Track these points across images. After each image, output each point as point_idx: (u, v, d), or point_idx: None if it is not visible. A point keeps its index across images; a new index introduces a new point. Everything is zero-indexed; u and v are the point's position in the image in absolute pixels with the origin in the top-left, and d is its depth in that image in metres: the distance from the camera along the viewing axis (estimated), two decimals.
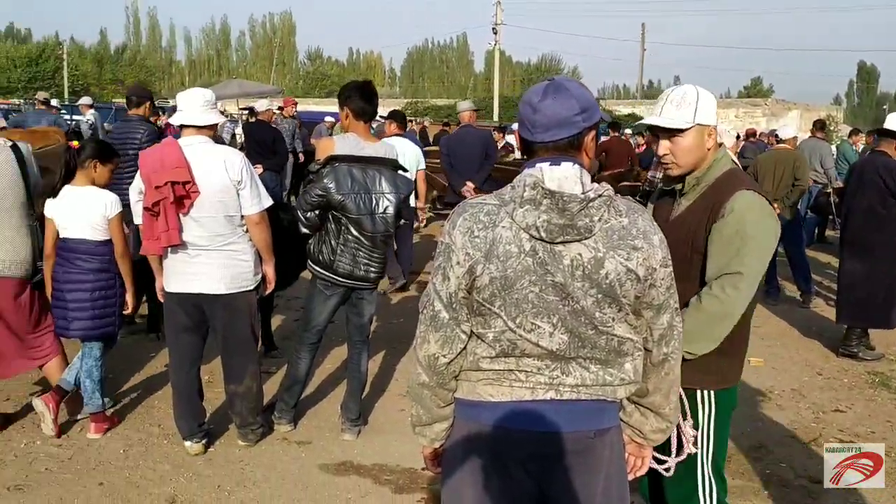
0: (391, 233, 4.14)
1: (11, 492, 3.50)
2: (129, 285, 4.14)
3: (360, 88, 4.15)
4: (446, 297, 1.82)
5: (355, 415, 4.32)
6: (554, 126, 1.78)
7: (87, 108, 14.46)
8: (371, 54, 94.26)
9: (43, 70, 53.08)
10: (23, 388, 4.66)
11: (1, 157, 3.92)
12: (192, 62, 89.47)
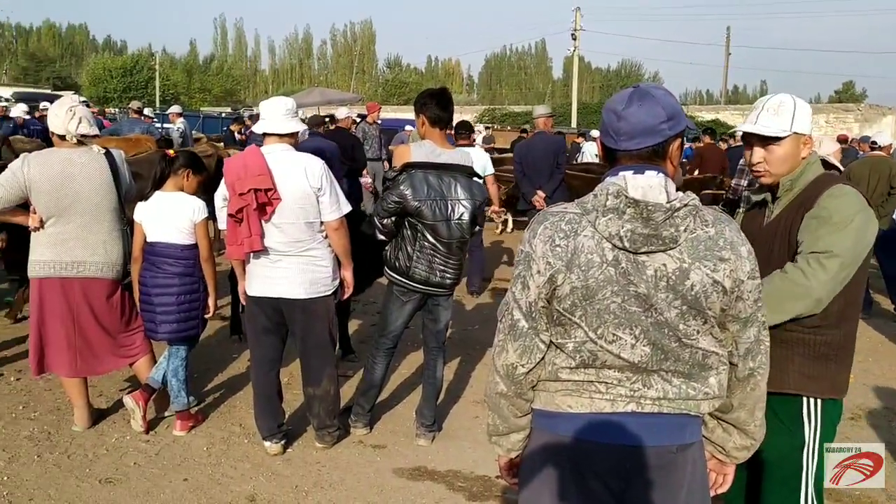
0: (467, 239, 4.16)
1: (103, 484, 3.66)
2: (212, 289, 4.28)
3: (435, 96, 4.18)
4: (526, 306, 1.80)
5: (430, 420, 4.34)
6: (639, 134, 1.75)
7: (176, 117, 15.03)
8: (449, 61, 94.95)
9: (137, 80, 55.50)
10: (114, 385, 4.86)
11: (95, 164, 4.09)
12: (276, 71, 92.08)
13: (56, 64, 71.28)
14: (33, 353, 4.13)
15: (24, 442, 4.05)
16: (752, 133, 2.43)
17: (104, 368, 4.34)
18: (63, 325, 4.08)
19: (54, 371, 4.21)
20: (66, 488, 3.59)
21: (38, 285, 4.07)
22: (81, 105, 4.15)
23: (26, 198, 3.98)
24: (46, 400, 4.61)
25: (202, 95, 63.25)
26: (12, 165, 4.00)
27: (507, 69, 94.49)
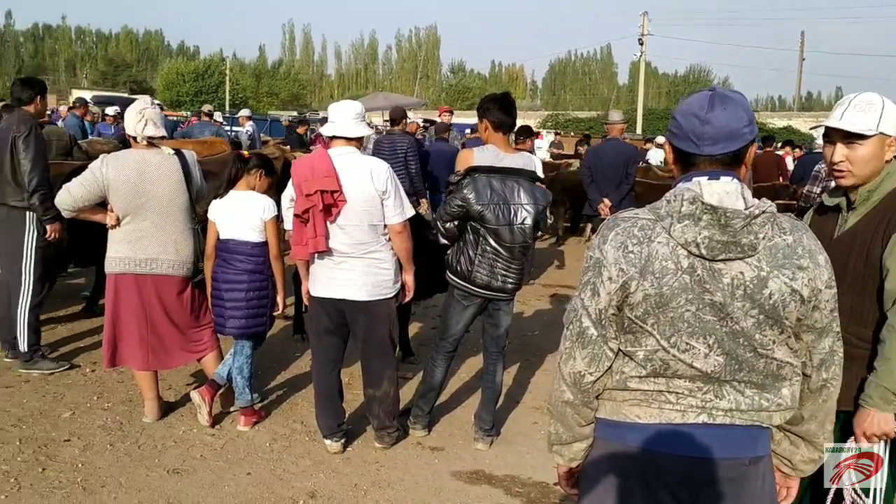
0: (529, 244, 4.15)
1: (170, 474, 3.78)
2: (280, 287, 4.37)
3: (498, 100, 4.20)
4: (595, 314, 1.78)
5: (489, 425, 4.34)
6: (723, 139, 1.71)
7: (245, 120, 15.42)
8: (513, 67, 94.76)
9: (208, 84, 57.00)
10: (182, 379, 5.01)
11: (168, 164, 4.23)
12: (341, 76, 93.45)
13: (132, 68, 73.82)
14: (107, 346, 4.29)
15: (98, 431, 4.20)
16: (835, 130, 2.35)
17: (173, 363, 4.48)
18: (136, 319, 4.23)
19: (127, 364, 4.36)
20: (135, 477, 3.72)
21: (113, 281, 4.23)
22: (152, 108, 4.29)
23: (104, 196, 4.14)
24: (119, 391, 4.78)
25: (270, 99, 64.55)
26: (92, 166, 4.17)
27: (572, 74, 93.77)
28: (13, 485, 3.56)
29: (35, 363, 5.02)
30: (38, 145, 4.90)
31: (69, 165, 6.35)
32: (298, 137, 15.00)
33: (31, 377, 4.93)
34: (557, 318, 7.26)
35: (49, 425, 4.23)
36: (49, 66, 77.80)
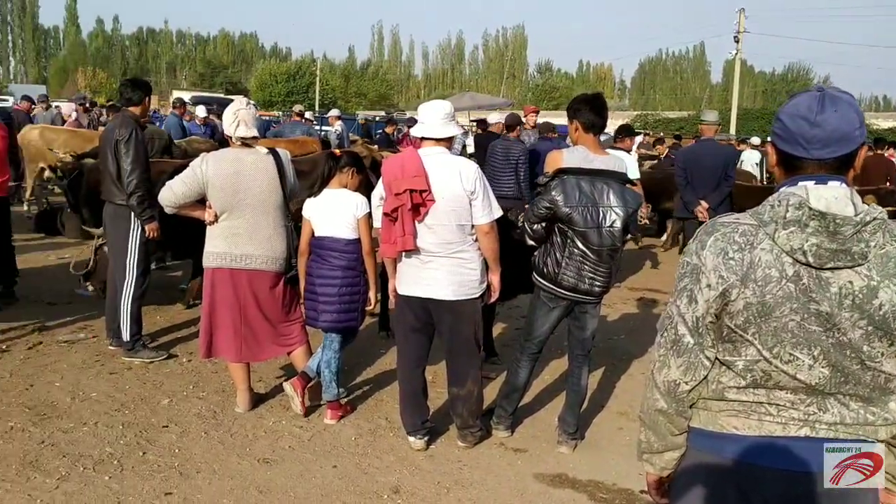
0: (618, 247, 4.08)
1: (261, 463, 3.90)
2: (373, 283, 4.45)
3: (590, 101, 4.14)
4: (692, 321, 1.74)
5: (573, 428, 4.30)
6: (834, 142, 1.64)
7: (335, 120, 15.74)
8: (601, 66, 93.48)
9: (299, 85, 58.56)
10: (272, 372, 5.17)
11: (263, 163, 4.36)
12: (428, 76, 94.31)
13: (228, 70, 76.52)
14: (203, 337, 4.47)
15: (194, 419, 4.38)
16: None
17: (265, 355, 4.62)
18: (231, 312, 4.39)
19: (221, 356, 4.53)
20: (228, 464, 3.86)
21: (210, 275, 4.40)
22: (246, 109, 4.42)
23: (204, 194, 4.30)
24: (213, 381, 4.97)
25: (358, 100, 65.77)
26: (193, 164, 4.35)
27: (662, 73, 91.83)
28: (116, 466, 3.75)
29: (136, 352, 5.27)
30: (138, 148, 5.14)
31: (170, 164, 6.65)
32: (386, 137, 15.21)
33: (132, 365, 5.18)
34: (644, 322, 7.13)
35: (149, 411, 4.44)
36: (151, 68, 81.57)
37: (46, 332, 5.78)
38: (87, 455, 3.84)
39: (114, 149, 5.10)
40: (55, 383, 4.77)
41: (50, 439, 3.99)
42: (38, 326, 5.86)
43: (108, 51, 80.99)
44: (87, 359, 5.26)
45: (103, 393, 4.66)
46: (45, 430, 4.10)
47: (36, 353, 5.33)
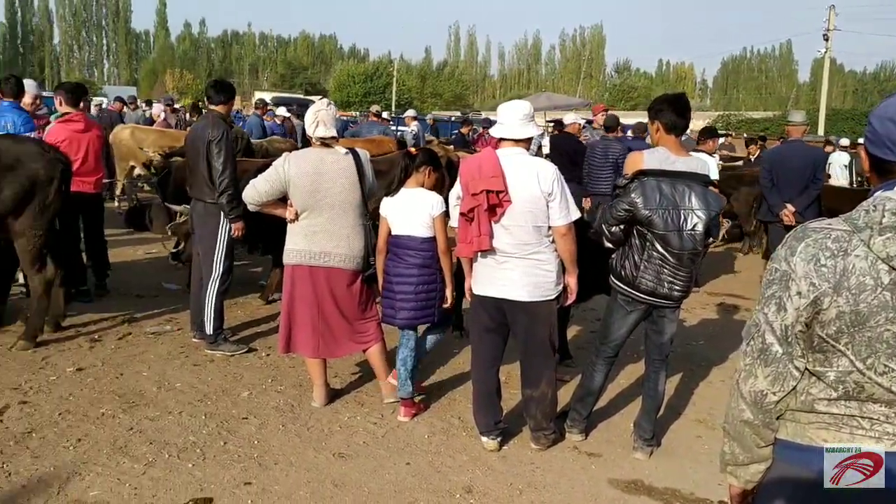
0: (699, 251, 3.99)
1: (336, 458, 3.97)
2: (449, 281, 4.47)
3: (672, 101, 4.06)
4: (780, 330, 1.68)
5: (649, 434, 4.22)
6: None
7: (411, 120, 15.91)
8: (682, 65, 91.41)
9: (376, 85, 59.32)
10: (348, 368, 5.25)
11: (343, 163, 4.44)
12: (504, 76, 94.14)
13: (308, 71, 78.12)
14: (282, 332, 4.57)
15: (272, 412, 4.49)
16: None
17: (341, 352, 4.70)
18: (309, 309, 4.48)
19: (299, 351, 4.63)
20: (304, 457, 3.94)
21: (290, 271, 4.50)
22: (326, 110, 4.50)
23: (286, 192, 4.41)
24: (291, 376, 5.08)
25: (434, 100, 66.19)
26: (275, 163, 4.46)
27: (746, 72, 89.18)
28: (199, 455, 3.88)
29: (219, 345, 5.44)
30: (229, 148, 5.30)
31: (253, 163, 6.83)
32: (461, 137, 15.27)
33: (214, 357, 5.35)
34: (724, 328, 6.94)
35: (230, 403, 4.58)
36: (235, 69, 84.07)
37: (135, 323, 6.03)
38: (171, 443, 3.98)
39: (206, 149, 5.27)
40: (143, 373, 4.97)
41: (138, 426, 4.16)
42: (128, 318, 6.12)
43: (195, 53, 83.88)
44: (172, 350, 5.46)
45: (187, 383, 4.83)
46: (134, 417, 4.27)
47: (126, 343, 5.57)
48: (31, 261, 5.31)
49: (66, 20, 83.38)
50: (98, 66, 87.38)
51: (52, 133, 6.37)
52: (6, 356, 5.12)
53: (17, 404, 4.35)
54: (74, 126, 6.40)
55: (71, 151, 6.14)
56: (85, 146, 6.43)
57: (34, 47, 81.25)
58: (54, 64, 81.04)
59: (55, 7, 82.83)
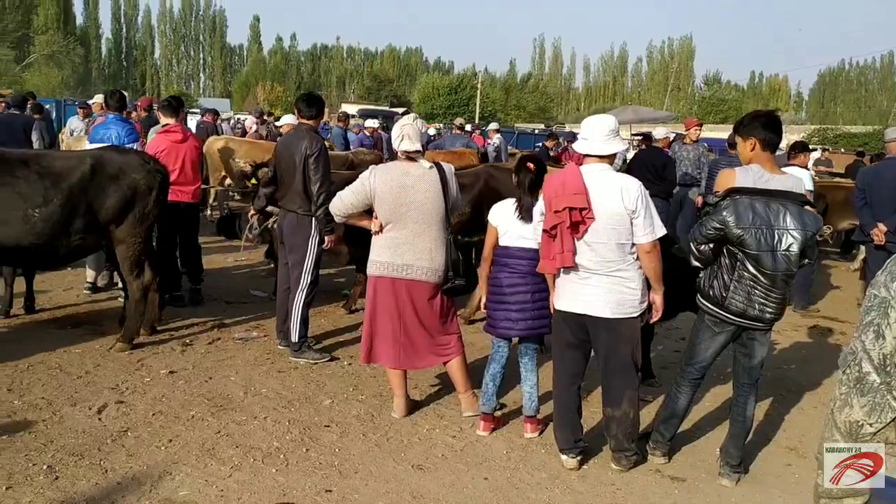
0: (793, 272, 3.84)
1: (415, 469, 3.99)
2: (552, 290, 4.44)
3: (765, 117, 3.97)
4: (878, 359, 1.62)
5: (736, 460, 4.08)
6: None
7: (493, 133, 15.91)
8: (776, 77, 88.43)
9: (460, 98, 59.60)
10: (428, 381, 5.28)
11: (429, 176, 4.48)
12: (588, 89, 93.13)
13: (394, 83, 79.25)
14: (364, 342, 4.64)
15: (353, 420, 4.56)
16: None
17: (422, 364, 4.72)
18: (391, 320, 4.53)
19: (380, 361, 4.68)
20: (384, 467, 3.98)
21: (373, 283, 4.56)
22: (412, 124, 4.55)
23: (371, 204, 4.48)
24: (371, 385, 5.15)
25: (517, 112, 66.04)
26: (362, 176, 4.54)
27: (844, 85, 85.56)
28: (282, 461, 3.97)
29: (303, 352, 5.56)
30: (326, 163, 5.44)
31: (338, 175, 6.97)
32: (545, 151, 15.18)
33: (298, 365, 5.47)
34: (817, 352, 6.66)
35: (313, 410, 4.67)
36: (323, 81, 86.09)
37: (224, 328, 6.24)
38: (256, 447, 4.09)
39: (303, 163, 5.40)
40: (231, 377, 5.13)
41: (225, 429, 4.29)
42: (217, 323, 6.33)
43: (286, 66, 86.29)
44: (258, 356, 5.61)
45: (272, 390, 4.95)
46: (221, 420, 4.41)
47: (215, 348, 5.76)
48: (130, 267, 5.56)
49: (166, 35, 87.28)
50: (195, 79, 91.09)
51: (153, 144, 6.67)
52: (105, 357, 5.38)
53: (115, 403, 4.56)
54: (173, 137, 6.69)
55: (169, 161, 6.44)
56: (182, 156, 6.71)
57: (136, 61, 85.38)
58: (154, 77, 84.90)
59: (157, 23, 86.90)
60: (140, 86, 79.00)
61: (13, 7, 56.86)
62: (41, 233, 5.11)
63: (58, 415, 4.35)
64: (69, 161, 5.37)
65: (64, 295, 7.01)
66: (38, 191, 5.10)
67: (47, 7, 64.76)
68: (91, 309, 6.63)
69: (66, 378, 4.93)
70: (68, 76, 54.78)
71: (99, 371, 5.10)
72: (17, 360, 5.20)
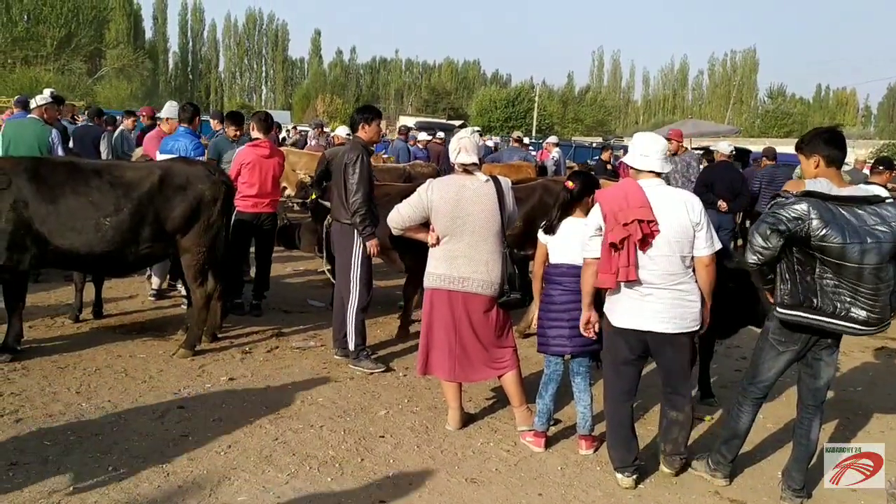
0: (885, 269, 3.56)
1: (468, 483, 3.99)
2: None
3: (828, 134, 3.91)
4: None
5: (799, 485, 3.95)
6: None
7: (552, 147, 15.86)
8: (843, 91, 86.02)
9: (517, 111, 59.61)
10: (483, 394, 5.27)
11: (483, 190, 4.49)
12: (648, 102, 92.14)
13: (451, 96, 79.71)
14: (421, 354, 4.66)
15: (407, 432, 4.58)
16: None
17: (477, 377, 4.72)
18: (447, 333, 4.54)
19: (435, 373, 4.69)
20: (438, 480, 3.99)
21: (430, 295, 4.59)
22: (468, 137, 4.59)
23: (428, 217, 4.51)
24: (426, 397, 5.16)
25: (575, 125, 65.70)
26: (419, 189, 4.58)
27: None
28: (338, 470, 4.01)
29: (359, 361, 5.62)
30: (363, 170, 5.46)
31: (395, 187, 7.05)
32: (602, 164, 15.06)
33: (354, 374, 5.53)
34: (885, 374, 6.43)
35: (367, 420, 4.71)
36: (381, 94, 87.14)
37: (282, 337, 6.34)
38: (312, 455, 4.15)
39: (343, 171, 5.50)
40: (288, 386, 5.21)
41: (282, 437, 4.36)
42: (276, 332, 6.44)
43: (345, 79, 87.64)
44: (315, 365, 5.69)
45: (328, 399, 5.01)
46: (279, 428, 4.48)
47: (273, 356, 5.86)
48: (194, 275, 5.72)
49: (230, 49, 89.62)
50: (257, 91, 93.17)
51: (240, 155, 6.92)
52: (168, 363, 5.53)
53: (176, 409, 4.68)
54: (261, 151, 6.91)
55: (253, 174, 6.80)
56: (266, 170, 6.93)
57: (202, 74, 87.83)
58: (218, 90, 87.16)
59: (221, 37, 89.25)
60: (205, 98, 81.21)
61: (87, 22, 59.20)
62: (112, 240, 5.30)
63: (122, 418, 4.49)
64: (139, 171, 5.56)
65: (130, 302, 7.23)
66: (110, 200, 5.29)
67: (118, 22, 67.34)
68: (155, 316, 6.83)
69: (130, 382, 5.09)
70: (137, 89, 56.65)
71: (162, 376, 5.24)
72: (86, 363, 5.38)
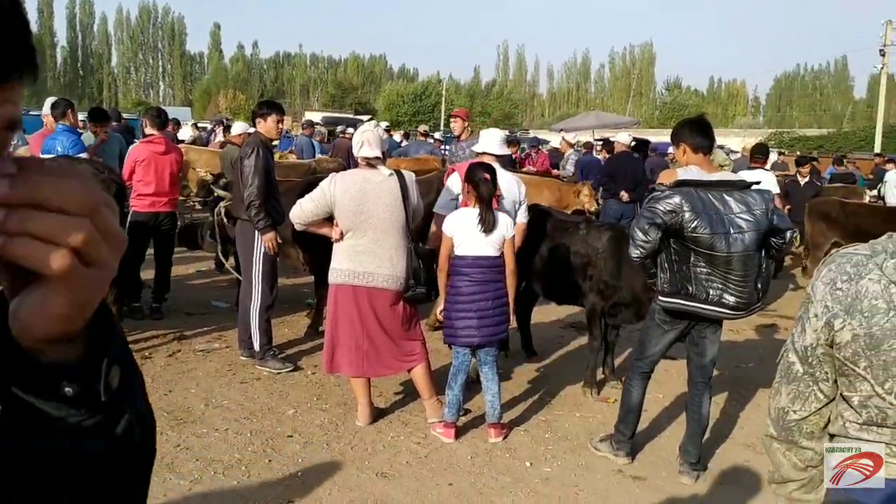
0: (752, 255, 3.74)
1: (379, 477, 3.99)
2: (512, 300, 4.54)
3: (692, 123, 4.19)
4: (801, 350, 1.71)
5: (695, 458, 4.14)
6: None
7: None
8: (734, 83, 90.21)
9: (425, 105, 59.78)
10: (392, 388, 5.28)
11: (388, 183, 4.49)
12: (553, 95, 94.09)
13: (358, 91, 79.18)
14: (326, 351, 4.63)
15: (316, 430, 4.54)
16: None
17: (387, 371, 4.72)
18: (352, 328, 4.52)
19: (342, 370, 4.66)
20: (347, 476, 3.97)
21: (334, 291, 4.56)
22: (372, 131, 4.59)
23: (331, 212, 4.48)
24: (335, 394, 5.13)
25: (482, 119, 66.37)
26: (322, 184, 4.54)
27: (800, 89, 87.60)
28: (244, 472, 3.94)
29: (266, 361, 5.52)
30: (258, 162, 5.31)
31: (297, 182, 6.95)
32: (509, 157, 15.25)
33: (261, 375, 5.43)
34: (774, 350, 6.74)
35: (275, 420, 4.64)
36: (286, 90, 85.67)
37: (185, 340, 6.16)
38: (217, 460, 4.05)
39: (239, 164, 5.40)
40: (191, 390, 5.07)
41: (185, 443, 4.24)
42: (178, 335, 6.24)
43: (248, 74, 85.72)
44: (220, 368, 5.56)
45: (234, 401, 4.91)
46: (181, 434, 4.36)
47: (175, 360, 5.69)
48: None
49: (123, 43, 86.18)
50: (154, 87, 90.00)
51: (134, 152, 6.68)
52: None
53: None
54: (155, 147, 6.67)
55: (149, 171, 6.54)
56: (163, 167, 6.69)
57: (93, 70, 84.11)
58: (112, 86, 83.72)
59: (113, 30, 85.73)
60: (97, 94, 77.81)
61: None
62: None
63: None
64: None
65: None
66: None
67: None
68: None
69: None
70: None
71: None
72: None
